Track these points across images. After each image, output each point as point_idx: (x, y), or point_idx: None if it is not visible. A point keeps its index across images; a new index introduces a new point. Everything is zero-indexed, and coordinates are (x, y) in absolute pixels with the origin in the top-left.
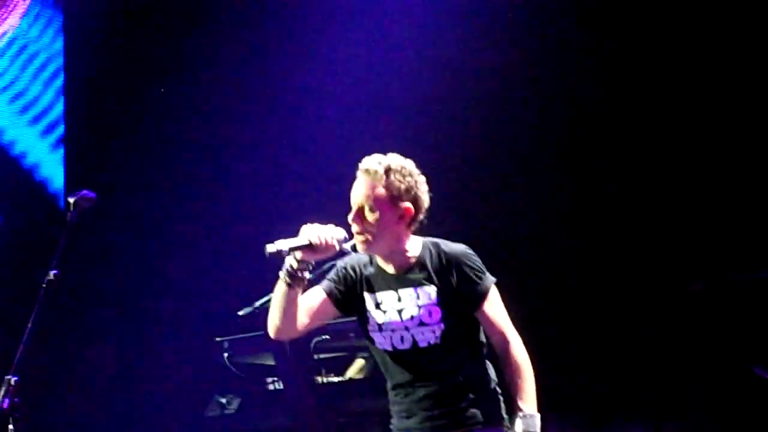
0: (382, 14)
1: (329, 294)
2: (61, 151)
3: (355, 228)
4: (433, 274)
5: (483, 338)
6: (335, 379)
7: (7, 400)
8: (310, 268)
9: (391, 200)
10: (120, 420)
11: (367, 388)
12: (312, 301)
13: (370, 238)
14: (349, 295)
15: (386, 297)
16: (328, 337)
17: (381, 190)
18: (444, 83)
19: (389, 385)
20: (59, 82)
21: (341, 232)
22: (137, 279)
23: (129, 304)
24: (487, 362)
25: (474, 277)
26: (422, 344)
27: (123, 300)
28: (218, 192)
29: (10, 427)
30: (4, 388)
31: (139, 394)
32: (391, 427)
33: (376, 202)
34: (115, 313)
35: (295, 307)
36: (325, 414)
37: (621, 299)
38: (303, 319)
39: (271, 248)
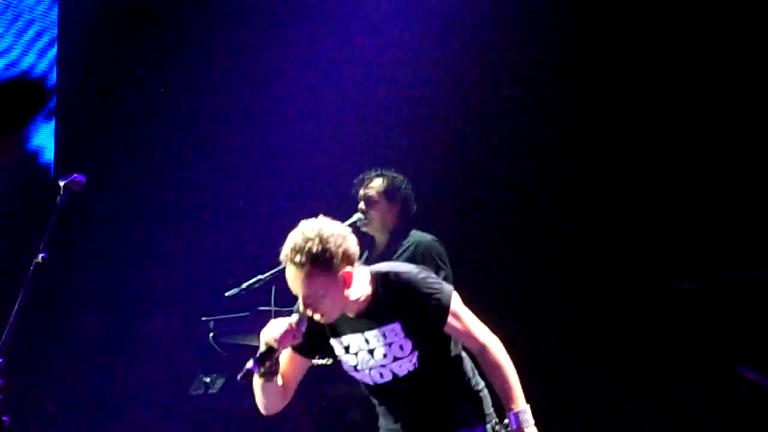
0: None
1: (298, 351)
2: (53, 122)
3: (309, 312)
4: (391, 311)
5: (459, 346)
6: (318, 362)
7: None
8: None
9: (330, 280)
10: (104, 397)
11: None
12: (286, 364)
13: (325, 314)
14: (316, 343)
15: (353, 340)
16: None
17: (317, 278)
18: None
19: (372, 399)
20: (53, 52)
21: (295, 317)
22: (125, 256)
23: (115, 282)
24: (469, 363)
25: (430, 300)
26: (402, 374)
27: (110, 277)
28: (210, 169)
29: None
30: None
31: (124, 371)
32: (379, 425)
33: (319, 290)
34: (101, 291)
35: (277, 387)
36: (308, 395)
37: (609, 297)
38: (287, 386)
39: (241, 375)
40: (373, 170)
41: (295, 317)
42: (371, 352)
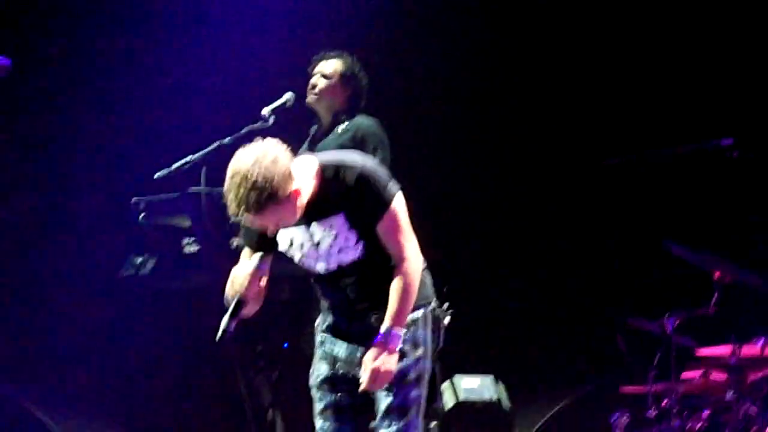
0: None
1: (252, 250)
2: None
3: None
4: (336, 202)
5: None
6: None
7: None
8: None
9: (282, 205)
10: (33, 276)
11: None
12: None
13: (287, 226)
14: (267, 240)
15: (297, 233)
16: None
17: (271, 212)
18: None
19: (316, 286)
20: None
21: (255, 259)
22: (52, 139)
23: (43, 165)
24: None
25: (371, 197)
26: (347, 263)
27: (37, 160)
28: (140, 45)
29: None
30: None
31: (54, 254)
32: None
33: (276, 217)
34: (28, 175)
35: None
36: None
37: (539, 173)
38: (259, 289)
39: (220, 334)
40: (332, 51)
41: (255, 259)
42: (317, 244)
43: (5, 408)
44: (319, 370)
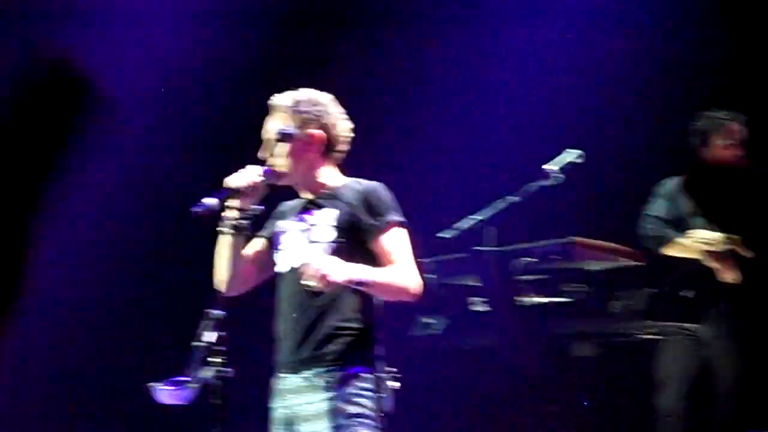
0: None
1: (266, 237)
2: None
3: (268, 162)
4: (339, 200)
5: None
6: (540, 301)
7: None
8: (249, 215)
9: (298, 129)
10: None
11: (572, 310)
12: (254, 248)
13: (282, 168)
14: (272, 228)
15: (291, 225)
16: (534, 260)
17: (287, 122)
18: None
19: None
20: None
21: (261, 168)
22: None
23: None
24: (375, 308)
25: (377, 209)
26: None
27: None
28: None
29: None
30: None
31: None
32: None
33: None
34: None
35: (241, 259)
36: (529, 335)
37: None
38: (251, 269)
39: (198, 208)
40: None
41: (258, 167)
42: (300, 231)
43: None
44: None
